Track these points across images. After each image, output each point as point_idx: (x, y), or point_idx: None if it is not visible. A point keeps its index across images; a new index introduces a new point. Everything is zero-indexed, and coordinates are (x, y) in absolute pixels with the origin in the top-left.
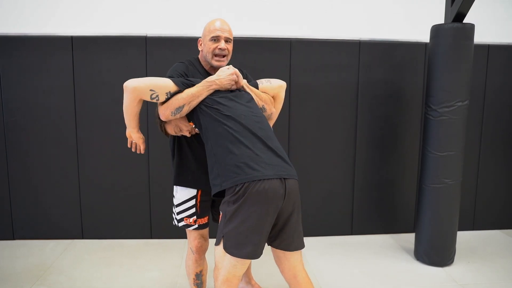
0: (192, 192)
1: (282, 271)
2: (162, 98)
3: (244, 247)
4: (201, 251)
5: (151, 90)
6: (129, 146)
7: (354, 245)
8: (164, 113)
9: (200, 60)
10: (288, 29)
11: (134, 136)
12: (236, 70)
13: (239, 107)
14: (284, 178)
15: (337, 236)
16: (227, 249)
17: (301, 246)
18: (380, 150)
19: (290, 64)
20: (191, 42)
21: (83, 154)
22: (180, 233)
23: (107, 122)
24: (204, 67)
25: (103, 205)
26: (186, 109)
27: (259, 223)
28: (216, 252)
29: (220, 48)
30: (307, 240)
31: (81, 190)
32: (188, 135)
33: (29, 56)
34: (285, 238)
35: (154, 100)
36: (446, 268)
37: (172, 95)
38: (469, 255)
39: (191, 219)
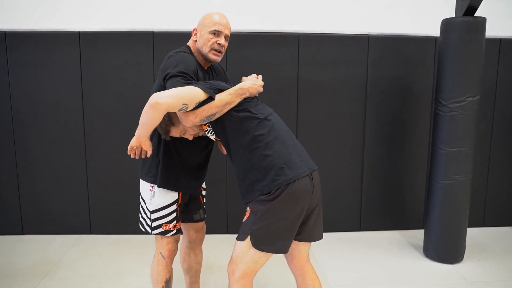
0: (174, 195)
1: (290, 262)
2: (191, 107)
3: (275, 243)
4: (173, 255)
5: (183, 104)
6: (129, 153)
7: (363, 242)
8: (193, 120)
9: (193, 50)
10: (296, 23)
11: (146, 144)
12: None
13: (262, 107)
14: (311, 173)
15: (346, 232)
16: (257, 245)
17: (321, 236)
18: (388, 146)
19: (298, 59)
20: None
21: (91, 149)
22: None
23: (115, 118)
24: (197, 58)
25: (111, 201)
26: (217, 116)
27: (294, 221)
28: (236, 248)
29: (219, 44)
30: None
31: (89, 186)
32: (191, 138)
33: (36, 51)
34: (308, 230)
35: (181, 111)
36: (456, 265)
37: (201, 103)
38: (479, 252)
39: (171, 225)
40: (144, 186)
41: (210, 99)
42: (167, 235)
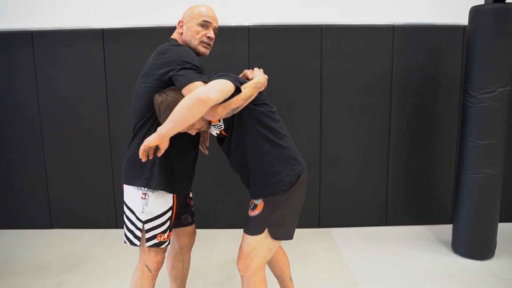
0: (169, 201)
1: (274, 263)
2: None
3: (289, 230)
4: (160, 267)
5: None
6: (141, 155)
7: (389, 237)
8: (221, 113)
9: (180, 43)
10: (319, 15)
11: (167, 143)
12: None
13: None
14: None
15: (371, 227)
16: (274, 235)
17: None
18: (415, 139)
19: (321, 51)
20: (221, 31)
21: (116, 145)
22: (208, 223)
23: None
24: None
25: None
26: (240, 109)
27: (301, 207)
28: (250, 242)
29: (208, 37)
30: (339, 231)
31: (114, 181)
32: (194, 133)
33: (61, 49)
34: None
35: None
36: (486, 262)
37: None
38: (511, 248)
39: (165, 235)
40: (133, 194)
41: (237, 91)
42: (161, 246)
